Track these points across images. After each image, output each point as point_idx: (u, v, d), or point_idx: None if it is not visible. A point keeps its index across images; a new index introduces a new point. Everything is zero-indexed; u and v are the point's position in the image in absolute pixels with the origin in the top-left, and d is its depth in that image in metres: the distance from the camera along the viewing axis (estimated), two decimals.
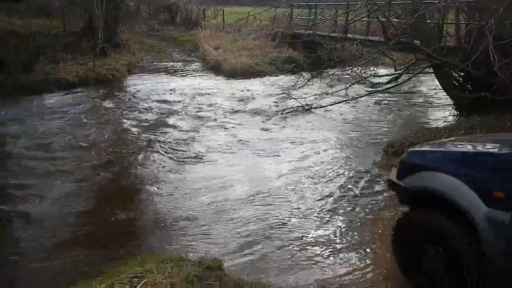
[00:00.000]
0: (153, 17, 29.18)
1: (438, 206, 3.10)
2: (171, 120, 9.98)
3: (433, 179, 3.18)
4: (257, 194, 5.87)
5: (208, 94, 12.92)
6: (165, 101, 11.93)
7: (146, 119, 10.12)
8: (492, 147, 3.27)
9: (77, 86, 13.51)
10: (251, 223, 5.08)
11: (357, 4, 9.88)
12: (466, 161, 3.12)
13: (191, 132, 9.02)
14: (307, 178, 6.53)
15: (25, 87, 12.19)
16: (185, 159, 7.42)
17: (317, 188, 6.14)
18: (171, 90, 13.44)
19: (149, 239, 4.89)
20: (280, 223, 5.08)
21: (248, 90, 13.40)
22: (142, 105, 11.45)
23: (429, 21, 8.98)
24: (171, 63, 19.73)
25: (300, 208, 5.47)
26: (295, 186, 6.20)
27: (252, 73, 16.25)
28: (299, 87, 11.15)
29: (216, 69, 17.50)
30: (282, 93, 11.93)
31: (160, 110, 10.97)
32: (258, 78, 15.36)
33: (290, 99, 10.80)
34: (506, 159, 2.92)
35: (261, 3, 26.43)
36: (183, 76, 16.69)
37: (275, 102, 11.64)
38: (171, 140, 8.43)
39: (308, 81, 11.09)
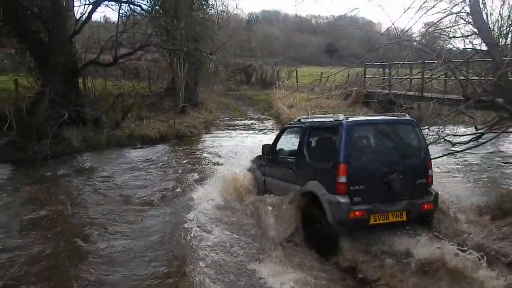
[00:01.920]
0: (230, 78, 30.84)
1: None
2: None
3: (252, 167, 7.99)
4: None
5: None
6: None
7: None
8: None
9: (158, 141, 14.45)
10: None
11: (434, 62, 9.70)
12: (257, 160, 7.89)
13: None
14: None
15: (114, 142, 13.36)
16: None
17: None
18: (243, 147, 13.81)
19: None
20: None
21: None
22: (214, 160, 11.82)
23: None
24: (245, 121, 20.48)
25: None
26: None
27: None
28: None
29: None
30: None
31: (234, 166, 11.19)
32: None
33: None
34: (264, 161, 7.54)
35: (335, 63, 26.90)
36: (256, 133, 17.16)
37: None
38: None
39: None
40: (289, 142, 7.23)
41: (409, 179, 5.66)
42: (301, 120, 7.02)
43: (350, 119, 5.87)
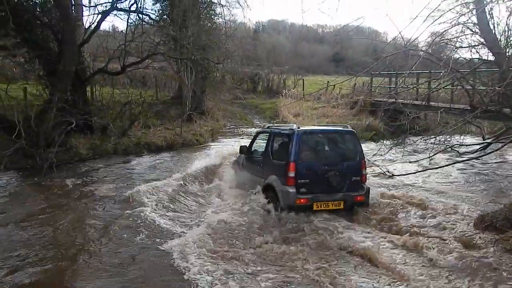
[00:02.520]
0: (236, 86, 30.96)
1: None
2: None
3: (233, 165, 9.87)
4: None
5: None
6: None
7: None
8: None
9: (164, 149, 14.49)
10: None
11: (440, 72, 9.69)
12: (239, 159, 9.57)
13: None
14: None
15: (120, 150, 13.44)
16: None
17: None
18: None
19: None
20: None
21: None
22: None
23: None
24: (251, 129, 20.50)
25: None
26: None
27: None
28: (381, 154, 10.93)
29: None
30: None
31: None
32: None
33: (371, 166, 10.60)
34: (241, 160, 9.30)
35: (341, 72, 26.91)
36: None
37: None
38: None
39: (390, 149, 10.86)
40: (260, 144, 8.84)
41: (345, 177, 7.33)
42: (269, 127, 8.99)
43: (301, 128, 7.62)
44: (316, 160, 7.48)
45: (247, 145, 9.19)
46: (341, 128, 8.21)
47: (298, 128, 7.54)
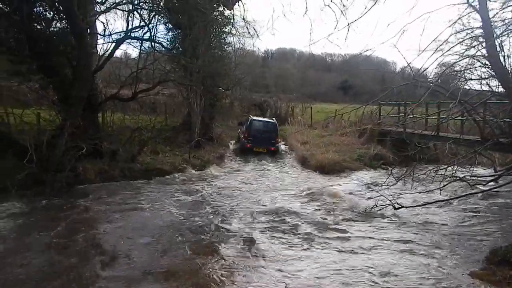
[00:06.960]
0: (245, 113, 31.14)
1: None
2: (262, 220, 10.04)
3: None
4: None
5: (294, 186, 13.09)
6: (257, 203, 12.31)
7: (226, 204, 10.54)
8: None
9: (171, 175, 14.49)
10: None
11: (449, 103, 9.71)
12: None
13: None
14: None
15: (129, 175, 13.41)
16: None
17: None
18: (259, 182, 13.87)
19: None
20: None
21: (336, 186, 13.36)
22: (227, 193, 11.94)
23: None
24: (257, 156, 20.49)
25: None
26: None
27: (340, 169, 16.28)
28: (388, 185, 10.85)
29: (302, 162, 17.85)
30: (370, 190, 11.72)
31: (247, 200, 11.31)
32: (346, 174, 15.30)
33: (378, 196, 10.51)
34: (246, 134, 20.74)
35: (349, 100, 26.95)
36: (269, 168, 17.20)
37: (362, 199, 11.42)
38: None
39: (398, 179, 10.77)
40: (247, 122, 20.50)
41: (267, 139, 19.64)
42: (250, 116, 21.32)
43: (254, 118, 20.95)
44: (256, 131, 19.33)
45: (243, 122, 20.82)
46: (270, 120, 20.84)
47: (252, 117, 20.44)
